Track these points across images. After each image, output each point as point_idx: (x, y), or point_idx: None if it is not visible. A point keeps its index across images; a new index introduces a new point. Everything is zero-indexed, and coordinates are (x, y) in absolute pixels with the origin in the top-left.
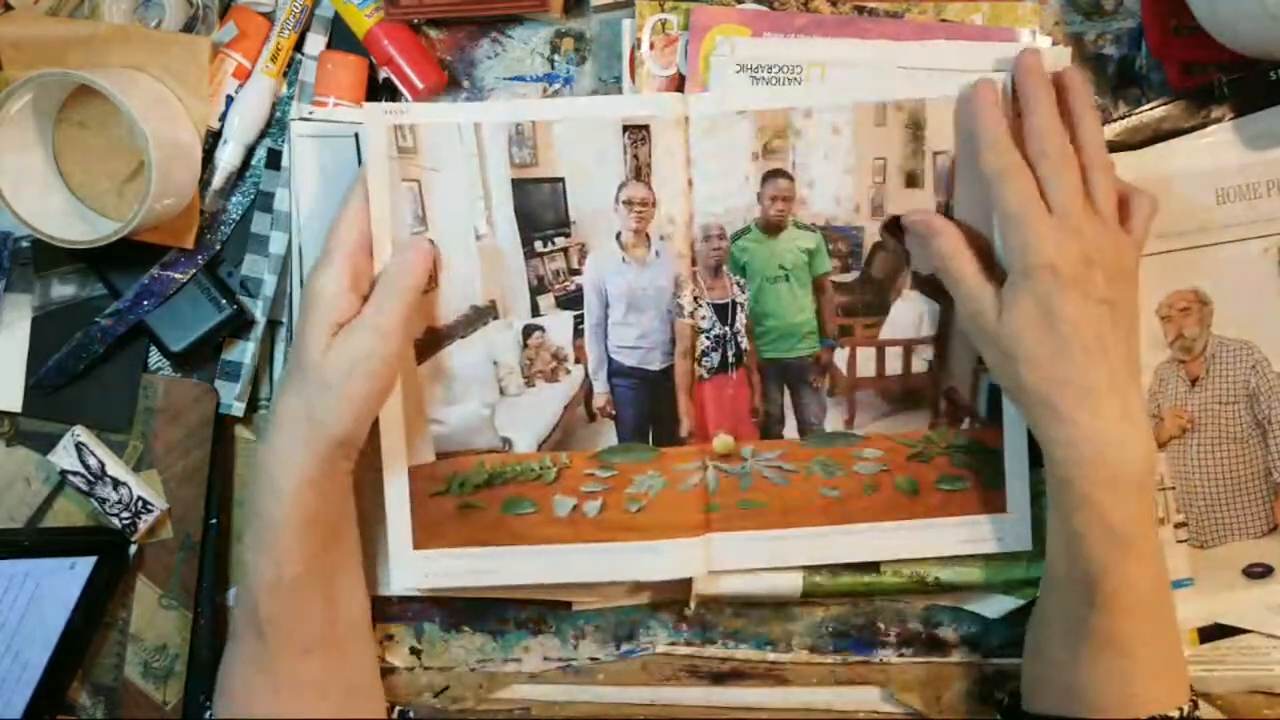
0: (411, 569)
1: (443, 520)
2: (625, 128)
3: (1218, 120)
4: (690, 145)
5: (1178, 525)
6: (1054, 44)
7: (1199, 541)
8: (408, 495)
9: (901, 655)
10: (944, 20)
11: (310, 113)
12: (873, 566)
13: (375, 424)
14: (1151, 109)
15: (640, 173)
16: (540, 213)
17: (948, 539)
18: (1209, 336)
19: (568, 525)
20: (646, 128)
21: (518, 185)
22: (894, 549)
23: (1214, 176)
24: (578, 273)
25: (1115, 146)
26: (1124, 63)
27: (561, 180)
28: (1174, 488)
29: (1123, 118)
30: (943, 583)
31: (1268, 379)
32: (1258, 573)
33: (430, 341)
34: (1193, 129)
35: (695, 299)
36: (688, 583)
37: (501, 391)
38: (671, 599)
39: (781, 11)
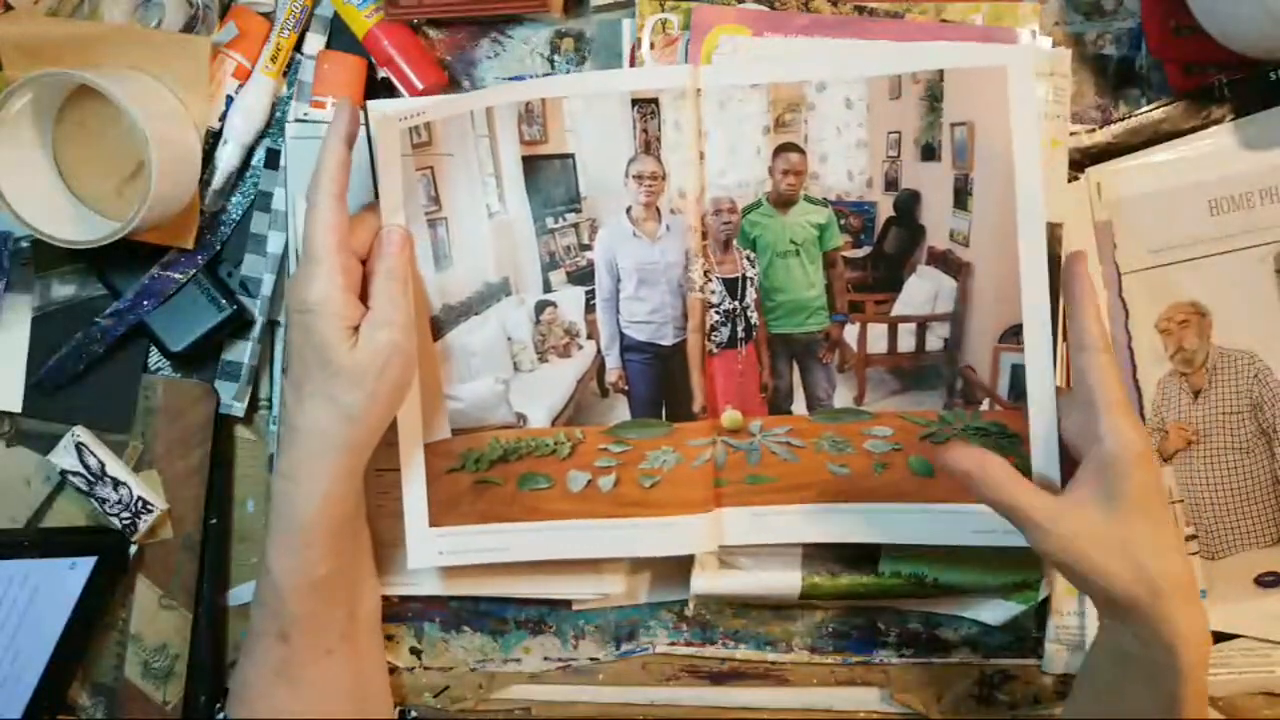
0: (427, 546)
1: (458, 497)
2: (634, 102)
3: (1217, 121)
4: (703, 118)
5: (1188, 538)
6: (1054, 44)
7: (1209, 553)
8: (423, 473)
9: (902, 656)
10: (944, 20)
11: (305, 114)
12: (872, 567)
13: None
14: (1151, 110)
15: (649, 147)
16: (551, 189)
17: (963, 527)
18: (1210, 348)
19: (582, 500)
20: (655, 101)
21: (528, 162)
22: (905, 532)
23: (1207, 188)
24: (589, 248)
25: (1115, 148)
26: (1124, 63)
27: (571, 156)
28: (1182, 500)
29: (1123, 118)
30: (942, 584)
31: (1270, 388)
32: (1269, 581)
33: (445, 318)
34: (1192, 130)
35: (705, 273)
36: (688, 581)
37: (515, 367)
38: (671, 599)
39: (782, 11)
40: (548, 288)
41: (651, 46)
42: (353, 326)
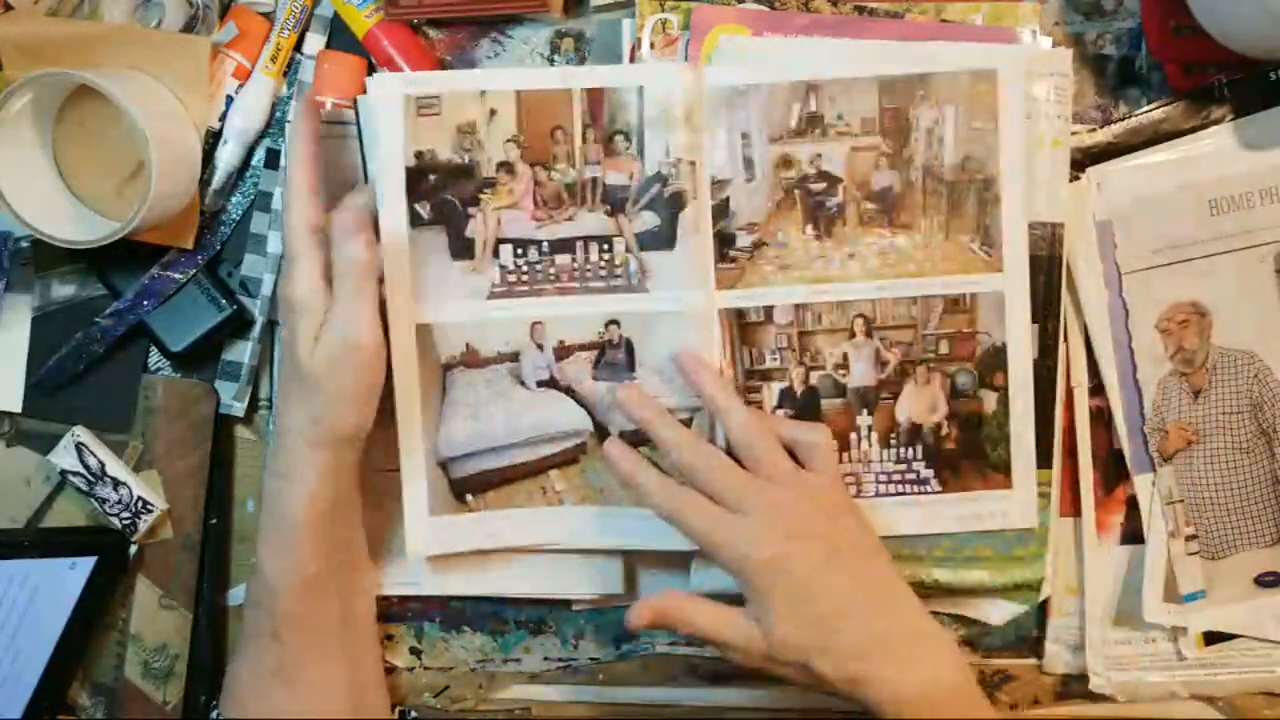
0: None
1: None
2: None
3: (1217, 121)
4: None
5: (1188, 538)
6: (1054, 44)
7: (1210, 553)
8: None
9: None
10: (944, 20)
11: None
12: None
13: (389, 417)
14: (1151, 110)
15: None
16: None
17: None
18: (1210, 348)
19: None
20: None
21: None
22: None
23: (1207, 188)
24: None
25: (1115, 148)
26: (1124, 63)
27: None
28: (1182, 500)
29: (1123, 119)
30: (942, 585)
31: (1271, 388)
32: (1269, 581)
33: None
34: (1192, 130)
35: None
36: (688, 579)
37: None
38: None
39: (782, 11)
40: None
41: (651, 46)
42: None
